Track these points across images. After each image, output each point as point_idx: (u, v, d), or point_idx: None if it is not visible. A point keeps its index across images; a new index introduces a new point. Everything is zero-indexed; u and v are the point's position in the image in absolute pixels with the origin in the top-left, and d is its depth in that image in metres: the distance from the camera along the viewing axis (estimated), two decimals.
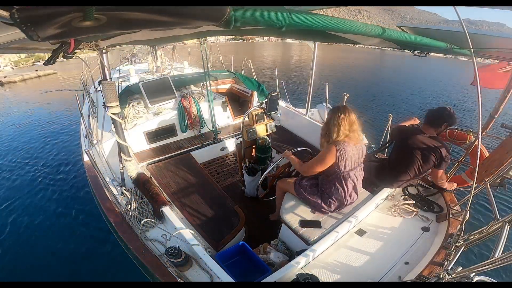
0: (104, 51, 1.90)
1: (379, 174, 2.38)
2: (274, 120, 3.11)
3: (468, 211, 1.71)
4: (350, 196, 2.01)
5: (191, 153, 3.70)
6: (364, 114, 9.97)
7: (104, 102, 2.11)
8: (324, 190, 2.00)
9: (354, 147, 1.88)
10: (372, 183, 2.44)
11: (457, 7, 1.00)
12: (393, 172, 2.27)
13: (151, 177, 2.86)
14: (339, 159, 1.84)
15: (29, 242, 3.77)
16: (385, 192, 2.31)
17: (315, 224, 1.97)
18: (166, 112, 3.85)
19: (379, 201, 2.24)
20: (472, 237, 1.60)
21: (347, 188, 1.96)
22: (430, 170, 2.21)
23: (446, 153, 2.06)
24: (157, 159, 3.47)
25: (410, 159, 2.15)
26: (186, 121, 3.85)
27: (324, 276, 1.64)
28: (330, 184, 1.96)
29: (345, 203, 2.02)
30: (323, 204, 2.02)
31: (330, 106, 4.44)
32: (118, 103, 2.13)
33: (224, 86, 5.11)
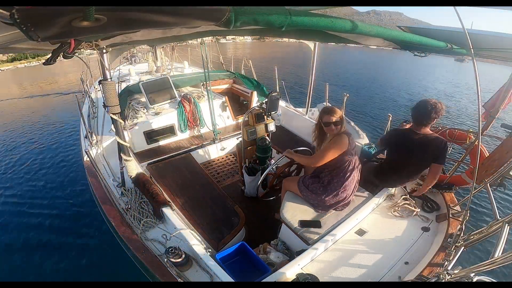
0: (104, 51, 1.90)
1: (379, 174, 2.37)
2: (274, 120, 3.11)
3: (468, 211, 1.72)
4: (352, 186, 2.03)
5: (191, 153, 3.70)
6: (364, 114, 9.98)
7: (104, 102, 2.11)
8: (328, 183, 2.02)
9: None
10: (372, 183, 2.44)
11: (457, 7, 1.00)
12: (393, 172, 2.27)
13: (151, 177, 2.86)
14: (351, 147, 1.95)
15: (28, 242, 3.77)
16: (385, 192, 2.31)
17: (315, 224, 1.97)
18: (166, 112, 3.85)
19: (379, 201, 2.24)
20: (472, 237, 1.60)
21: (350, 180, 1.99)
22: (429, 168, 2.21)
23: (443, 146, 2.02)
24: (157, 159, 3.47)
25: (409, 159, 2.15)
26: (186, 121, 3.85)
27: (324, 276, 1.64)
28: (334, 176, 2.00)
29: (347, 195, 2.03)
30: (324, 197, 2.01)
31: (330, 105, 4.42)
32: (118, 103, 2.13)
33: (224, 86, 5.11)
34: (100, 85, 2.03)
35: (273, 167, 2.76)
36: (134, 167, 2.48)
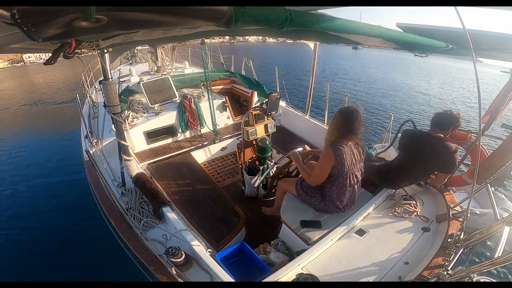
0: (104, 51, 1.90)
1: (382, 175, 2.35)
2: (274, 120, 3.11)
3: (468, 211, 1.71)
4: (350, 197, 2.01)
5: (191, 153, 3.70)
6: (365, 113, 9.94)
7: (104, 102, 2.11)
8: (325, 190, 2.00)
9: (353, 147, 1.88)
10: (372, 184, 2.43)
11: (457, 7, 1.00)
12: (399, 174, 2.24)
13: (151, 177, 2.86)
14: (337, 160, 1.83)
15: (27, 241, 3.77)
16: (385, 192, 2.31)
17: (315, 224, 1.97)
18: (166, 112, 3.85)
19: (379, 201, 2.24)
20: (472, 237, 1.60)
21: (348, 189, 1.96)
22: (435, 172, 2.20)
23: (455, 158, 2.02)
24: (157, 159, 3.48)
25: (419, 162, 2.13)
26: (186, 121, 3.85)
27: (324, 276, 1.64)
28: (331, 184, 1.96)
29: (345, 203, 2.01)
30: (323, 205, 2.02)
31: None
32: (118, 103, 2.14)
33: (224, 86, 5.11)
34: (101, 85, 2.04)
35: (273, 167, 2.76)
36: (134, 167, 2.48)
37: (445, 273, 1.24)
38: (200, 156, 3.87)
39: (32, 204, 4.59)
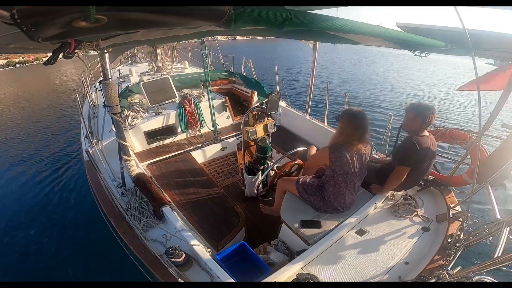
0: (104, 51, 1.90)
1: (380, 177, 2.34)
2: (274, 120, 3.11)
3: (468, 211, 1.72)
4: (348, 200, 2.01)
5: (191, 153, 3.70)
6: (369, 117, 9.89)
7: (104, 102, 2.11)
8: (325, 191, 2.01)
9: (353, 153, 1.86)
10: (372, 184, 2.42)
11: (457, 7, 1.00)
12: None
13: (151, 177, 2.86)
14: (332, 162, 1.87)
15: (27, 241, 3.77)
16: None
17: (316, 224, 1.97)
18: (166, 112, 3.85)
19: (379, 201, 2.24)
20: (472, 237, 1.60)
21: (344, 191, 1.96)
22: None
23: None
24: (157, 159, 3.48)
25: (416, 164, 2.13)
26: (186, 121, 3.85)
27: (324, 276, 1.64)
28: (327, 185, 1.97)
29: (343, 205, 2.02)
30: (323, 204, 2.02)
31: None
32: (118, 103, 2.14)
33: (224, 86, 5.11)
34: (101, 85, 2.04)
35: (273, 167, 2.76)
36: (134, 167, 2.48)
37: (445, 273, 1.24)
38: (200, 156, 3.87)
39: (32, 204, 4.59)
